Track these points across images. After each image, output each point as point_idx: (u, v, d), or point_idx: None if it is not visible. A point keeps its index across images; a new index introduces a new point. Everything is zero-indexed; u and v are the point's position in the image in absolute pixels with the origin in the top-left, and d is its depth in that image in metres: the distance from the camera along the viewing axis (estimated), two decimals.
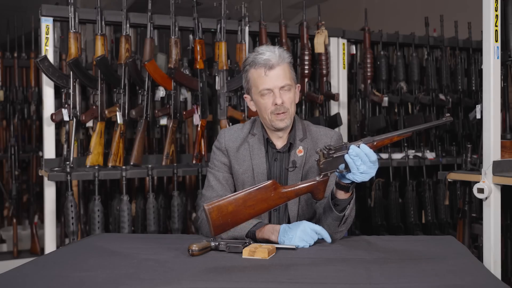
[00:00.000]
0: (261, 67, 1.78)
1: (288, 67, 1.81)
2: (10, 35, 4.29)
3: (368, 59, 3.41)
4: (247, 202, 1.54)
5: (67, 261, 1.54)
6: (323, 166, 1.58)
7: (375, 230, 3.37)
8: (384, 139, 1.61)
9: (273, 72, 1.77)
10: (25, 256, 3.81)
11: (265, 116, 1.82)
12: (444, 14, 3.69)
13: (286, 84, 1.79)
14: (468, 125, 3.67)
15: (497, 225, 2.33)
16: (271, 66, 1.77)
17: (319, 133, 1.90)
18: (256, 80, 1.80)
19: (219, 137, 1.93)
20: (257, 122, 1.92)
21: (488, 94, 2.31)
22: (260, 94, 1.80)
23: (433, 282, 1.31)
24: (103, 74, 2.75)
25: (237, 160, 1.87)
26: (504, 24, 2.43)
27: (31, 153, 4.23)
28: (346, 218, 1.68)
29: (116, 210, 2.86)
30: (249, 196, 1.55)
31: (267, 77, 1.77)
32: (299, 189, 1.61)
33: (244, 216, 1.55)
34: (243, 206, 1.54)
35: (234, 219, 1.54)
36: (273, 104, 1.78)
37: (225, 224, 1.53)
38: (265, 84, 1.78)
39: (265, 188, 1.57)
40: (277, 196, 1.58)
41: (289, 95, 1.80)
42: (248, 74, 1.83)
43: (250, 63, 1.81)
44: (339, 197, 1.65)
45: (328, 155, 1.57)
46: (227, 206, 1.53)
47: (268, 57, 1.77)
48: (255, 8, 3.29)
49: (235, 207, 1.53)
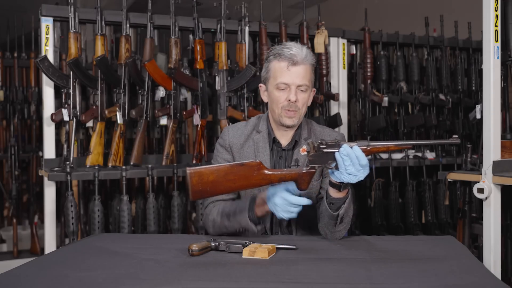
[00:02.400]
0: (285, 60, 1.77)
1: (310, 68, 1.81)
2: (10, 35, 4.29)
3: (368, 59, 3.41)
4: (229, 176, 1.56)
5: (67, 261, 1.54)
6: (311, 158, 1.59)
7: (375, 230, 3.37)
8: (380, 146, 1.59)
9: (296, 68, 1.77)
10: (25, 256, 3.81)
11: (275, 109, 1.82)
12: (444, 14, 3.69)
13: (304, 84, 1.79)
14: (468, 125, 3.67)
15: (497, 225, 2.33)
16: (295, 62, 1.77)
17: (323, 134, 1.91)
18: (277, 71, 1.80)
19: (223, 134, 1.93)
20: (262, 118, 1.92)
21: (488, 94, 2.31)
22: (276, 86, 1.80)
23: (433, 282, 1.31)
24: (103, 74, 2.75)
25: (241, 156, 1.87)
26: (504, 24, 2.43)
27: (31, 153, 4.24)
28: (341, 218, 1.67)
29: (116, 210, 2.86)
30: (232, 170, 1.56)
31: (289, 71, 1.77)
32: (284, 175, 1.61)
33: (224, 189, 1.58)
34: (224, 179, 1.56)
35: (213, 189, 1.56)
36: (287, 99, 1.78)
37: (204, 191, 1.56)
38: (284, 78, 1.78)
39: (249, 166, 1.58)
40: (259, 176, 1.58)
41: (303, 96, 1.80)
42: (270, 64, 1.83)
43: (275, 54, 1.81)
44: (333, 196, 1.66)
45: (319, 148, 1.58)
46: (208, 174, 1.55)
47: (294, 52, 1.77)
48: (255, 8, 3.29)
49: (216, 177, 1.55)
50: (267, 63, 1.84)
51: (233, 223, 1.72)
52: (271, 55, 1.83)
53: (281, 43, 1.86)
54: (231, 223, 1.73)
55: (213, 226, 1.80)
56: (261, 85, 1.90)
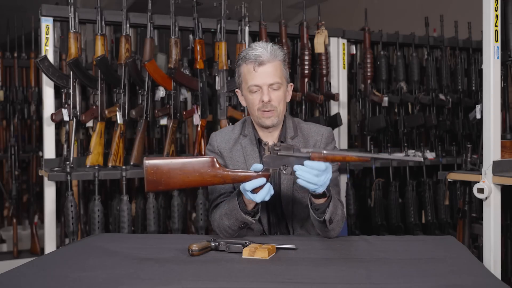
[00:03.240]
0: (251, 62, 1.75)
1: (280, 64, 1.78)
2: (10, 35, 4.29)
3: (368, 59, 3.42)
4: (183, 168, 1.57)
5: (67, 261, 1.54)
6: (265, 160, 1.58)
7: (375, 230, 3.38)
8: (336, 155, 1.56)
9: (263, 68, 1.75)
10: (25, 256, 3.81)
11: (253, 112, 1.81)
12: (444, 14, 3.69)
13: (276, 82, 1.76)
14: (468, 125, 3.67)
15: (497, 225, 2.33)
16: (261, 62, 1.74)
17: (309, 130, 1.89)
18: (246, 75, 1.78)
19: (211, 140, 1.92)
20: (247, 122, 1.91)
21: (488, 94, 2.31)
22: (248, 90, 1.78)
23: (433, 282, 1.31)
24: (103, 74, 2.75)
25: (231, 161, 1.86)
26: (504, 24, 2.43)
27: (31, 153, 4.24)
28: (330, 220, 1.67)
29: (116, 210, 2.86)
30: (186, 164, 1.58)
31: (256, 73, 1.75)
32: (237, 176, 1.60)
33: (178, 182, 1.59)
34: (179, 171, 1.57)
35: (167, 181, 1.58)
36: (260, 101, 1.76)
37: (158, 182, 1.58)
38: (253, 80, 1.76)
39: (203, 162, 1.59)
40: (213, 173, 1.59)
41: (277, 93, 1.77)
42: (240, 68, 1.81)
43: (242, 57, 1.79)
44: (315, 202, 1.65)
45: (273, 150, 1.57)
46: (163, 166, 1.57)
47: (259, 53, 1.74)
48: (255, 8, 3.29)
49: (170, 169, 1.57)
50: (238, 68, 1.82)
51: (232, 221, 1.72)
52: (239, 59, 1.81)
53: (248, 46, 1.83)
54: (231, 221, 1.72)
55: (220, 232, 1.80)
56: (237, 90, 1.89)
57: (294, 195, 1.82)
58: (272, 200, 1.66)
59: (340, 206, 1.73)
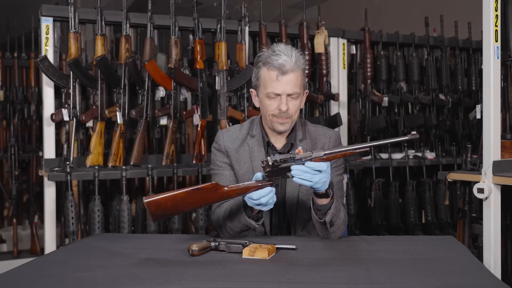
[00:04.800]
0: (274, 69, 1.72)
1: (301, 74, 1.76)
2: (10, 35, 4.29)
3: (368, 59, 3.41)
4: (186, 200, 1.58)
5: (67, 261, 1.54)
6: (267, 174, 1.59)
7: (375, 230, 3.38)
8: (337, 154, 1.58)
9: (285, 78, 1.72)
10: (25, 256, 3.81)
11: (267, 116, 1.80)
12: (444, 14, 3.69)
13: (295, 92, 1.74)
14: (468, 125, 3.67)
15: (497, 225, 2.33)
16: (285, 72, 1.71)
17: (317, 133, 1.89)
18: (267, 81, 1.75)
19: (217, 138, 1.91)
20: (255, 122, 1.90)
21: (488, 94, 2.31)
22: (267, 95, 1.76)
23: (433, 282, 1.31)
24: (103, 74, 2.75)
25: (237, 161, 1.86)
26: (504, 24, 2.43)
27: (31, 153, 4.24)
28: (330, 222, 1.67)
29: (116, 210, 2.86)
30: (188, 195, 1.58)
31: (279, 81, 1.72)
32: (240, 189, 1.61)
33: (184, 208, 1.61)
34: (182, 203, 1.58)
35: (173, 212, 1.61)
36: (278, 108, 1.75)
37: (164, 215, 1.60)
38: (274, 88, 1.74)
39: (206, 189, 1.59)
40: (217, 196, 1.60)
41: (295, 102, 1.77)
42: (259, 71, 1.78)
43: (263, 61, 1.75)
44: (318, 202, 1.66)
45: (274, 165, 1.58)
46: (166, 202, 1.57)
47: (283, 61, 1.71)
48: (255, 8, 3.29)
49: (173, 204, 1.57)
50: (257, 69, 1.79)
51: (235, 223, 1.72)
52: (260, 61, 1.77)
53: (270, 48, 1.79)
54: (234, 223, 1.72)
55: (221, 231, 1.80)
56: (252, 90, 1.86)
57: (299, 198, 1.82)
58: (276, 203, 1.66)
59: (342, 210, 1.73)
